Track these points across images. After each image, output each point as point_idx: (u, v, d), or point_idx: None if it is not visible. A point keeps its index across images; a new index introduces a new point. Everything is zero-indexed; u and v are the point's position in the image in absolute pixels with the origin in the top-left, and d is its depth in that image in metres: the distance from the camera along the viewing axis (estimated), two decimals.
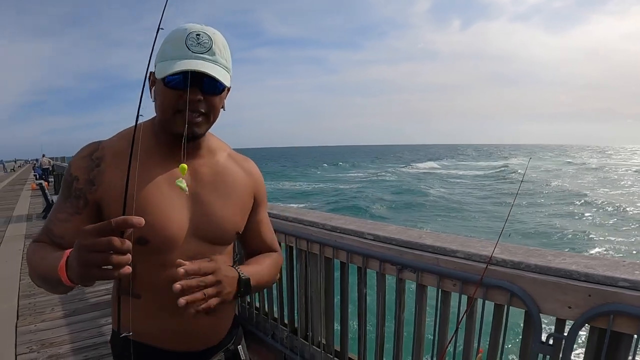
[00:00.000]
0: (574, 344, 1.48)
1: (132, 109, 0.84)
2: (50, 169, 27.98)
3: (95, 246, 0.73)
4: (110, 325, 3.77)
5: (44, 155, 30.40)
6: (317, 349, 2.57)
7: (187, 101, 0.98)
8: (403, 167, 65.02)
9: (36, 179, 23.88)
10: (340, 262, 2.31)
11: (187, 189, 0.95)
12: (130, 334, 0.92)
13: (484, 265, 1.58)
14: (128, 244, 0.74)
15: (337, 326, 2.52)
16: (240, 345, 1.33)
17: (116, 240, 0.73)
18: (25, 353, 3.44)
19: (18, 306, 4.58)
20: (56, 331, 3.87)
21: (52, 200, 11.27)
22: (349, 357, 2.42)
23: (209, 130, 1.14)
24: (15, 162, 63.50)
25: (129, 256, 0.75)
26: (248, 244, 1.34)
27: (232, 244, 1.27)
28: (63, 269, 0.83)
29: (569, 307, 1.45)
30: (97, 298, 4.67)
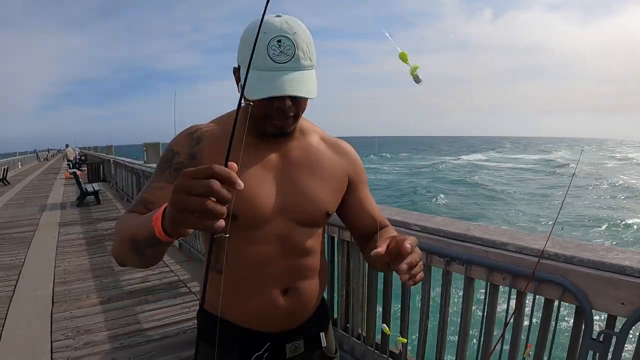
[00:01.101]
0: (625, 341, 1.50)
1: (163, 99, 0.82)
2: (83, 158, 28.80)
3: (192, 189, 0.66)
4: (146, 314, 3.85)
5: (67, 146, 30.82)
6: (357, 341, 2.64)
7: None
8: (452, 159, 64.23)
9: (69, 168, 24.67)
10: None
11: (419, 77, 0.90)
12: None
13: (535, 259, 1.60)
14: (227, 194, 0.67)
15: (378, 319, 2.57)
16: (323, 332, 1.32)
17: (216, 184, 0.65)
18: (61, 340, 3.53)
19: (53, 293, 4.71)
20: (91, 318, 3.97)
21: (85, 189, 11.69)
22: (391, 351, 2.46)
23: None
24: (48, 151, 65.47)
25: (224, 209, 0.67)
26: (355, 225, 1.32)
27: (322, 230, 1.27)
28: (159, 219, 0.79)
29: (622, 304, 1.46)
30: (131, 286, 4.81)
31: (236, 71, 1.10)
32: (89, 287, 4.86)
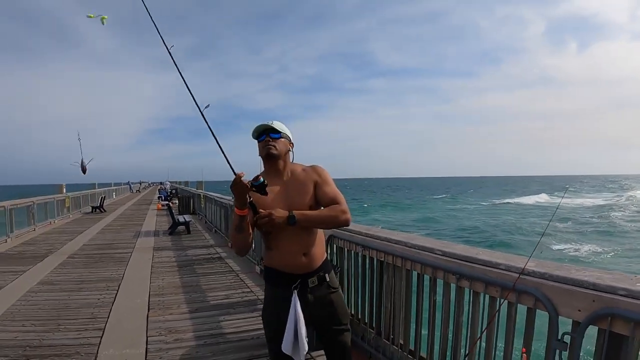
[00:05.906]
0: (582, 341, 1.96)
1: (246, 137, 2.31)
2: (174, 192, 31.04)
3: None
4: (227, 322, 4.72)
5: (162, 183, 32.94)
6: (396, 348, 3.23)
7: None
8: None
9: (161, 200, 26.61)
10: (417, 273, 2.98)
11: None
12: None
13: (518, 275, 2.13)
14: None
15: (412, 330, 3.14)
16: (328, 274, 2.42)
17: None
18: (155, 336, 4.44)
19: (149, 301, 5.67)
20: (181, 322, 4.85)
21: (177, 220, 13.09)
22: (420, 356, 3.05)
23: (296, 162, 2.46)
24: (140, 183, 70.44)
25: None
26: (321, 203, 2.35)
27: None
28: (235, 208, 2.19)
29: (579, 311, 1.93)
30: (217, 301, 5.70)
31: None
32: (179, 300, 5.78)
